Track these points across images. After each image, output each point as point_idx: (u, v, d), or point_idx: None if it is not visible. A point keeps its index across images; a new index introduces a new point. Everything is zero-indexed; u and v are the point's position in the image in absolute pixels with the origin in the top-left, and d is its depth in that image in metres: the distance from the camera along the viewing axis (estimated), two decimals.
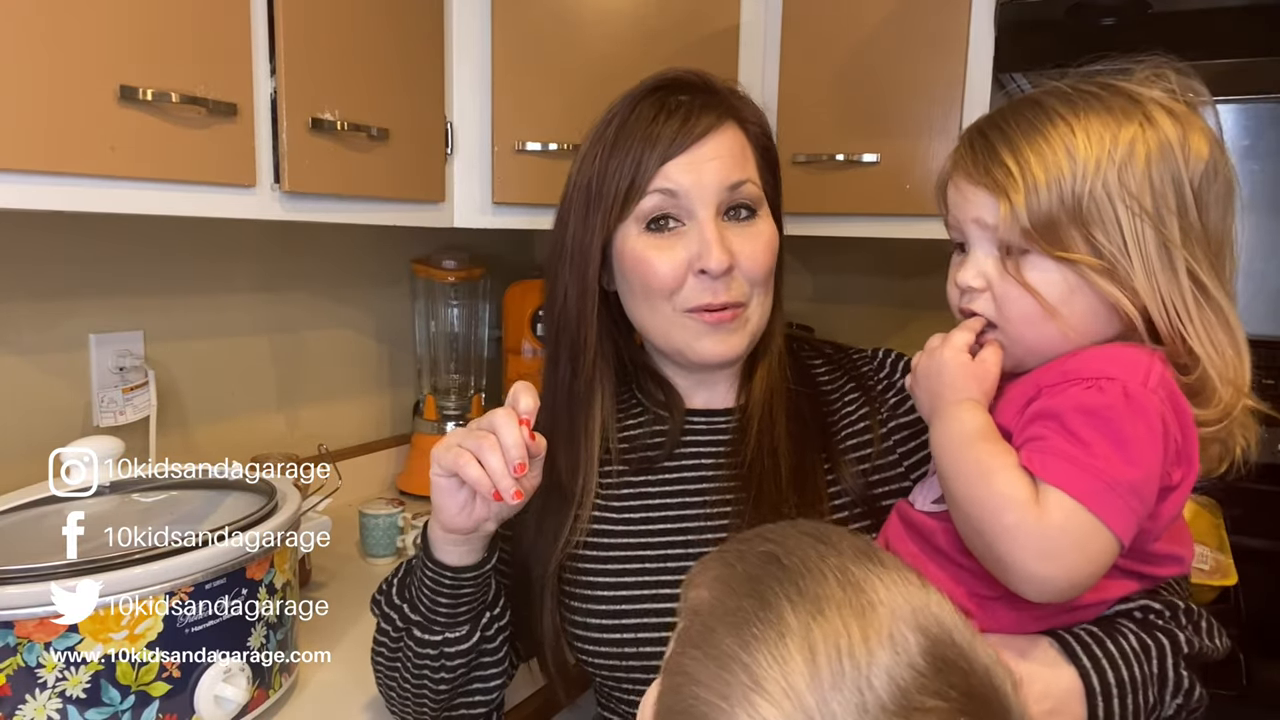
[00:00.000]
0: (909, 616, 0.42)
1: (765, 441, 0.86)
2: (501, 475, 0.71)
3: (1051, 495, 0.61)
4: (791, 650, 0.41)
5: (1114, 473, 0.60)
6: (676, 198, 0.82)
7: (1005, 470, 0.63)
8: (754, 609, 0.43)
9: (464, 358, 1.79)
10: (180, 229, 1.33)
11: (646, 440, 0.90)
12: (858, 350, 0.96)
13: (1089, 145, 0.65)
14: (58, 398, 1.22)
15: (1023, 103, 0.70)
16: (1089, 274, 0.65)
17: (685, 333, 0.85)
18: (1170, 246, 0.65)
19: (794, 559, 0.45)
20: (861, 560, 0.45)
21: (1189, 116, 0.67)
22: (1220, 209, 0.67)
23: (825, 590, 0.43)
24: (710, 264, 0.81)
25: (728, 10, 1.40)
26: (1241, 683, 1.07)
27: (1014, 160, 0.67)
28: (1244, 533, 1.29)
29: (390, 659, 0.86)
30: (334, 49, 1.13)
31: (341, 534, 1.32)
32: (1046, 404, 0.65)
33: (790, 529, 0.49)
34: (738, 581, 0.46)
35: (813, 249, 1.76)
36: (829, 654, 0.40)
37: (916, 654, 0.41)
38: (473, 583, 0.81)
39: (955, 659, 0.41)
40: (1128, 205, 0.65)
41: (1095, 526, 0.60)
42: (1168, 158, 0.65)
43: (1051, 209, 0.65)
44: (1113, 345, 0.67)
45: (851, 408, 0.90)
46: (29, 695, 0.77)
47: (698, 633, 0.45)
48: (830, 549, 0.46)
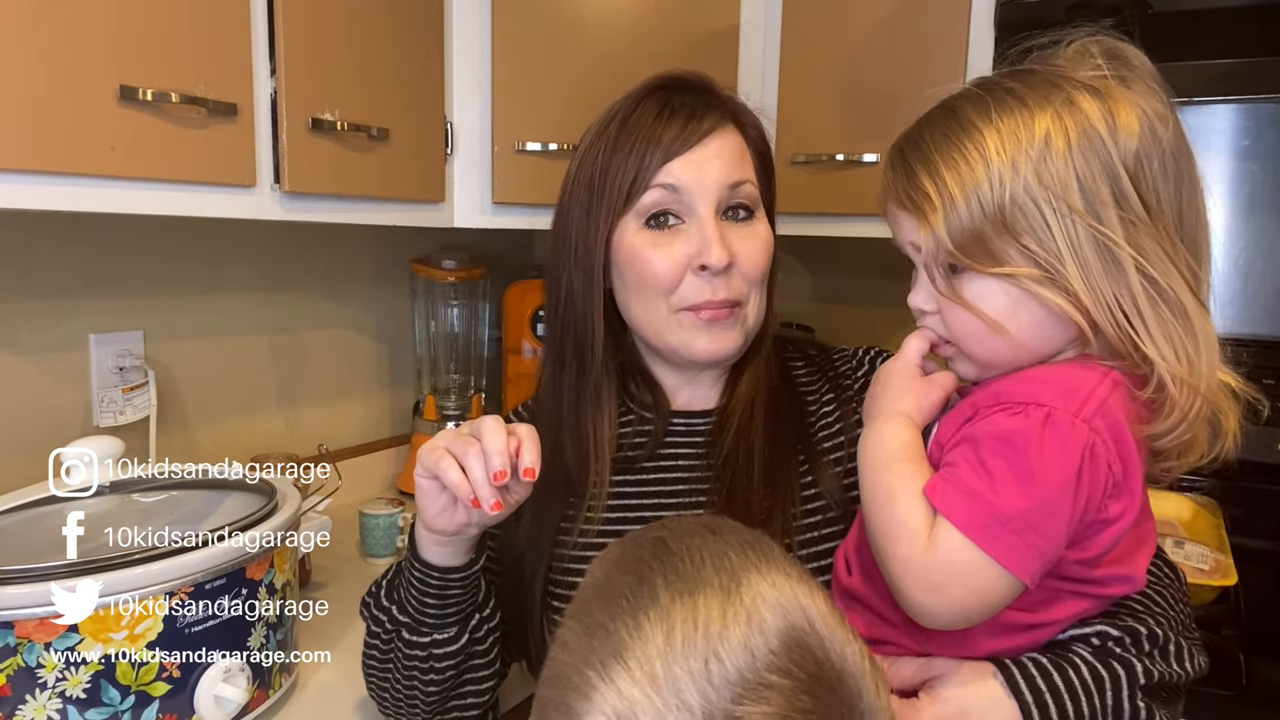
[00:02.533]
0: (774, 601, 0.43)
1: (742, 438, 0.86)
2: (482, 484, 0.70)
3: (942, 528, 0.59)
4: (653, 621, 0.43)
5: (1006, 505, 0.58)
6: (678, 193, 0.83)
7: (908, 498, 0.61)
8: (630, 585, 0.45)
9: (464, 358, 1.79)
10: (180, 229, 1.33)
11: (629, 440, 0.90)
12: (840, 350, 0.96)
13: (1002, 147, 0.61)
14: (58, 398, 1.22)
15: (937, 112, 0.67)
16: (1029, 285, 0.61)
17: (681, 330, 0.85)
18: (1110, 245, 0.60)
19: (680, 544, 0.47)
20: (745, 551, 0.46)
21: (1116, 91, 0.62)
22: (1171, 184, 0.61)
23: (700, 574, 0.44)
24: (711, 260, 0.81)
25: (728, 10, 1.40)
26: (1241, 683, 1.07)
27: (929, 179, 0.63)
28: (1244, 533, 1.28)
29: (382, 661, 0.86)
30: (334, 49, 1.13)
31: (341, 534, 1.32)
32: (971, 428, 0.62)
33: (691, 521, 0.51)
34: (625, 561, 0.49)
35: (813, 249, 1.75)
36: (685, 628, 0.42)
37: (772, 634, 0.42)
38: (460, 584, 0.81)
39: (811, 644, 0.42)
40: (1054, 206, 0.60)
41: (983, 562, 0.58)
42: (1092, 143, 0.60)
43: (974, 223, 0.61)
44: (1061, 366, 0.64)
45: (828, 408, 0.90)
46: (29, 695, 0.77)
47: (578, 606, 0.48)
48: (717, 539, 0.48)
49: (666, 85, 0.86)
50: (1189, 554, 1.20)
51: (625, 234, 0.84)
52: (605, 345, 0.88)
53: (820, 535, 0.81)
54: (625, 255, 0.85)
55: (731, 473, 0.83)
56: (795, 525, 0.81)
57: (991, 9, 1.25)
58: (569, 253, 0.87)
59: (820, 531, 0.81)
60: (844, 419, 0.88)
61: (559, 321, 0.89)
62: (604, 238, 0.85)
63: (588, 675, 0.43)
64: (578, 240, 0.86)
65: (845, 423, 0.88)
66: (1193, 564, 1.18)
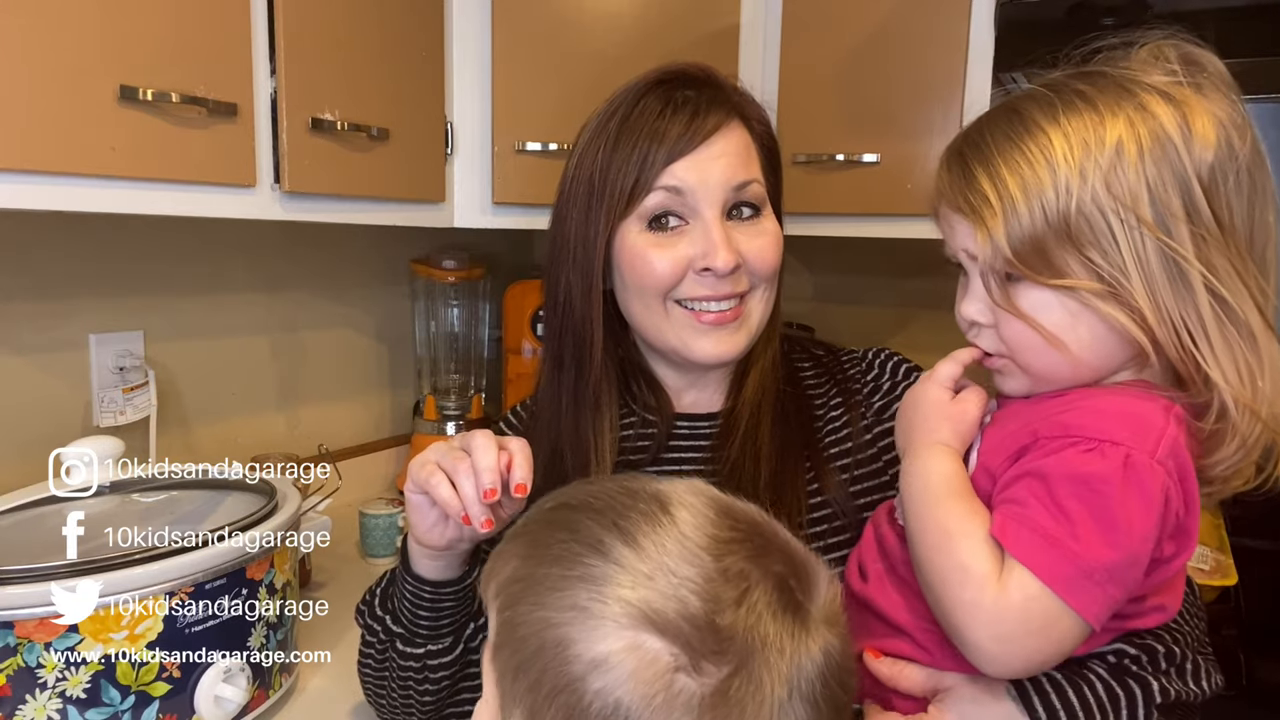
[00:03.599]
0: (689, 490, 0.51)
1: (749, 445, 0.84)
2: (473, 502, 0.69)
3: (1016, 574, 0.55)
4: (611, 545, 0.46)
5: (1092, 556, 0.54)
6: (682, 195, 0.81)
7: (969, 539, 0.57)
8: (563, 538, 0.48)
9: (464, 358, 1.79)
10: (180, 229, 1.32)
11: (631, 444, 0.88)
12: (848, 351, 0.94)
13: (1070, 153, 0.58)
14: (58, 398, 1.22)
15: (1000, 112, 0.63)
16: (1090, 299, 0.58)
17: (682, 331, 0.83)
18: (1180, 260, 0.56)
19: (577, 498, 0.51)
20: (630, 479, 0.52)
21: (1191, 99, 0.58)
22: (1244, 199, 0.58)
23: (615, 502, 0.49)
24: (717, 264, 0.79)
25: (728, 9, 1.40)
26: (1241, 683, 1.07)
27: (990, 182, 0.60)
28: (1244, 533, 1.28)
29: (378, 669, 0.85)
30: (334, 49, 1.13)
31: (341, 534, 1.32)
32: (1038, 463, 0.58)
33: (560, 490, 0.54)
34: (537, 536, 0.50)
35: (813, 249, 1.75)
36: (640, 534, 0.47)
37: (703, 507, 0.49)
38: (453, 597, 0.80)
39: (728, 505, 0.51)
40: (1122, 217, 0.57)
41: (1061, 612, 0.55)
42: (1166, 152, 0.57)
43: (1036, 232, 0.58)
44: (1124, 396, 0.60)
45: (836, 413, 0.88)
46: (29, 695, 0.77)
47: (519, 591, 0.48)
48: (598, 482, 0.52)
49: (669, 79, 0.83)
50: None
51: (626, 236, 0.82)
52: (605, 347, 0.86)
53: (827, 545, 0.79)
54: (626, 257, 0.83)
55: (737, 481, 0.81)
56: (802, 535, 0.80)
57: (991, 9, 1.25)
58: (567, 254, 0.84)
59: (827, 541, 0.80)
60: (852, 424, 0.86)
61: (558, 324, 0.87)
62: (604, 240, 0.82)
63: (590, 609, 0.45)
64: (576, 242, 0.84)
65: (853, 429, 0.86)
66: (1193, 564, 1.18)
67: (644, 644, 0.44)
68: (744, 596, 0.45)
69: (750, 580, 0.46)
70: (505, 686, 0.47)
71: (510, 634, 0.48)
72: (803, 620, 0.46)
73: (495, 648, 0.49)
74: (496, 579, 0.51)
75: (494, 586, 0.51)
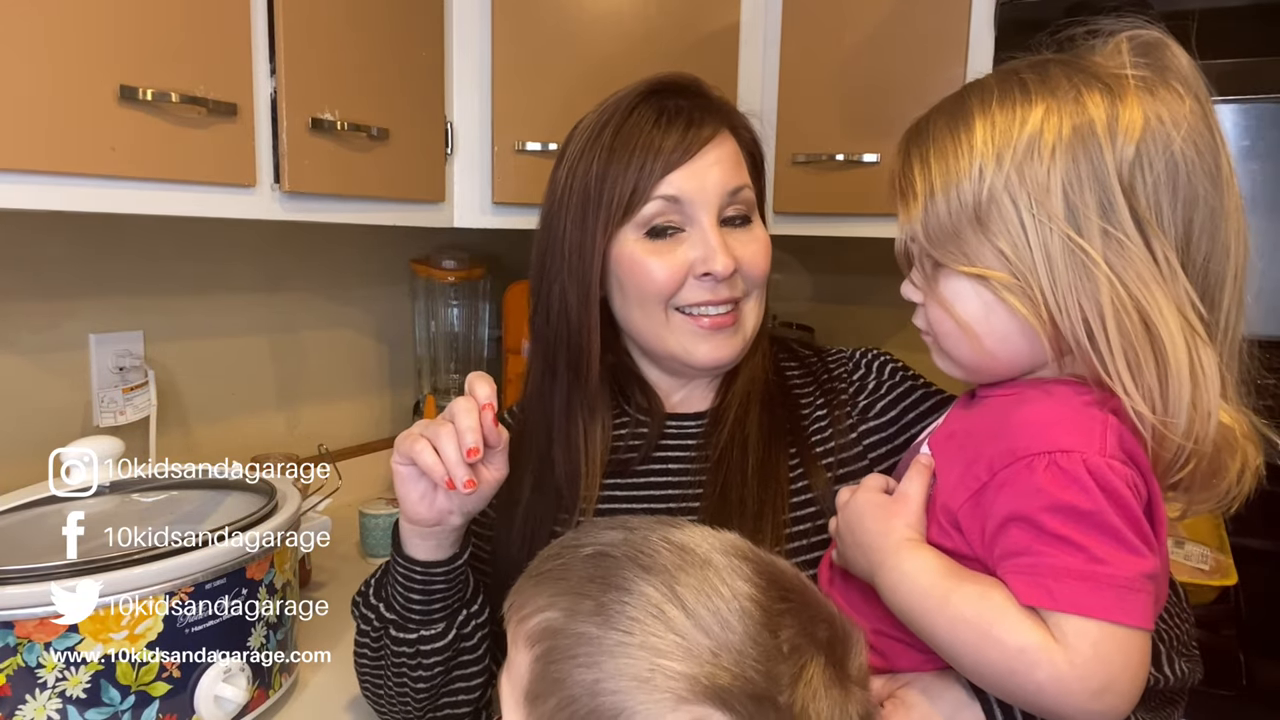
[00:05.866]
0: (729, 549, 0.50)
1: (737, 432, 0.85)
2: (455, 463, 0.71)
3: (1070, 626, 0.52)
4: (671, 614, 0.46)
5: (1121, 569, 0.52)
6: (679, 204, 0.82)
7: (1004, 617, 0.53)
8: (616, 599, 0.47)
9: (464, 358, 1.79)
10: (180, 229, 1.33)
11: (623, 444, 0.89)
12: (835, 353, 0.95)
13: (989, 139, 0.56)
14: (58, 398, 1.22)
15: (949, 99, 0.62)
16: (1000, 290, 0.57)
17: (682, 337, 0.84)
18: (1085, 258, 0.54)
19: (620, 549, 0.50)
20: (669, 528, 0.52)
21: (1131, 93, 0.56)
22: (1179, 201, 0.55)
23: (663, 560, 0.49)
24: (717, 268, 0.81)
25: (728, 10, 1.40)
26: (1241, 683, 1.07)
27: (920, 167, 0.60)
28: (1244, 533, 1.28)
29: (373, 660, 0.86)
30: (334, 49, 1.13)
31: (341, 534, 1.32)
32: (1008, 505, 0.55)
33: (590, 528, 0.53)
34: (581, 586, 0.49)
35: (813, 249, 1.75)
36: (696, 602, 0.47)
37: (751, 574, 0.49)
38: (444, 579, 0.80)
39: (769, 567, 0.51)
40: (1032, 211, 0.55)
41: (1128, 635, 0.52)
42: (1086, 146, 0.55)
43: (951, 218, 0.58)
44: (1055, 401, 0.58)
45: (821, 411, 0.89)
46: (29, 695, 0.77)
47: (568, 645, 0.47)
48: (638, 530, 0.51)
49: (660, 89, 0.85)
50: (1189, 554, 1.20)
51: (624, 245, 0.83)
52: (604, 354, 0.87)
53: (811, 543, 0.81)
54: (625, 266, 0.83)
55: (725, 469, 0.83)
56: (786, 533, 0.80)
57: (991, 9, 1.25)
58: (561, 263, 0.85)
59: (811, 539, 0.81)
60: (835, 423, 0.87)
61: (550, 333, 0.87)
62: (601, 249, 0.83)
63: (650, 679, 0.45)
64: (571, 251, 0.84)
65: (836, 428, 0.87)
66: (1193, 564, 1.18)
67: (708, 718, 0.44)
68: (801, 673, 0.46)
69: (805, 656, 0.47)
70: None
71: (556, 689, 0.47)
72: (845, 689, 0.48)
73: (533, 695, 0.49)
74: (530, 621, 0.50)
75: (529, 630, 0.50)
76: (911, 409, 0.87)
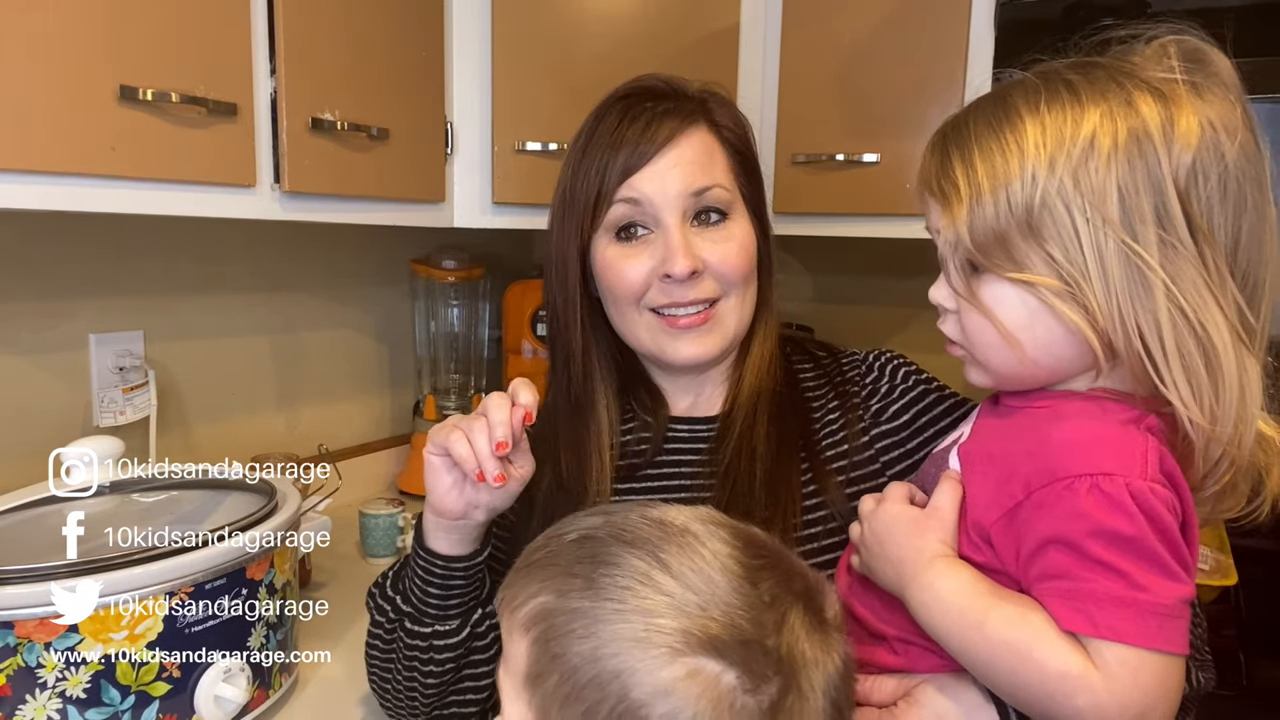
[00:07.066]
0: (704, 519, 0.53)
1: (744, 445, 0.85)
2: (486, 456, 0.72)
3: (1111, 652, 0.52)
4: (658, 579, 0.49)
5: (1160, 596, 0.52)
6: (641, 206, 0.83)
7: (1043, 641, 0.53)
8: (605, 573, 0.50)
9: (464, 358, 1.79)
10: (180, 229, 1.32)
11: (633, 446, 0.90)
12: (849, 354, 0.94)
13: (1042, 142, 0.55)
14: (58, 398, 1.22)
15: (988, 98, 0.61)
16: (1048, 297, 0.56)
17: (657, 336, 0.86)
18: (1142, 265, 0.54)
19: (603, 530, 0.53)
20: (646, 507, 0.54)
21: (1184, 97, 0.55)
22: (1230, 208, 0.55)
23: (645, 533, 0.51)
24: (674, 269, 0.82)
25: (728, 10, 1.40)
26: (1241, 683, 1.07)
27: (962, 167, 0.58)
28: (1244, 533, 1.28)
29: (385, 653, 0.86)
30: (334, 49, 1.13)
31: (341, 534, 1.32)
32: (1047, 526, 0.55)
33: (572, 518, 0.55)
34: (570, 567, 0.51)
35: (813, 249, 1.75)
36: (681, 565, 0.50)
37: (728, 537, 0.52)
38: (463, 574, 0.81)
39: (744, 532, 0.54)
40: (1087, 215, 0.54)
41: (1165, 661, 0.52)
42: (1143, 151, 0.54)
43: (1000, 222, 0.56)
44: (1094, 419, 0.57)
45: (833, 415, 0.88)
46: (29, 695, 0.77)
47: (563, 621, 0.50)
48: (617, 512, 0.54)
49: (629, 94, 0.86)
50: None
51: (599, 247, 0.86)
52: (603, 354, 0.90)
53: (822, 547, 0.80)
54: (600, 268, 0.87)
55: (734, 480, 0.83)
56: (796, 536, 0.80)
57: (991, 9, 1.25)
58: (550, 265, 0.89)
59: (821, 543, 0.80)
60: (848, 427, 0.87)
61: (552, 334, 0.92)
62: (577, 251, 0.87)
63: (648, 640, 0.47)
64: (556, 255, 0.88)
65: (849, 431, 0.86)
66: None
67: (705, 668, 0.46)
68: (784, 620, 0.49)
69: (785, 605, 0.50)
70: (551, 714, 0.49)
71: (556, 665, 0.49)
72: (825, 633, 0.51)
73: (534, 676, 0.50)
74: (523, 609, 0.52)
75: (523, 616, 0.52)
76: (925, 413, 0.87)
